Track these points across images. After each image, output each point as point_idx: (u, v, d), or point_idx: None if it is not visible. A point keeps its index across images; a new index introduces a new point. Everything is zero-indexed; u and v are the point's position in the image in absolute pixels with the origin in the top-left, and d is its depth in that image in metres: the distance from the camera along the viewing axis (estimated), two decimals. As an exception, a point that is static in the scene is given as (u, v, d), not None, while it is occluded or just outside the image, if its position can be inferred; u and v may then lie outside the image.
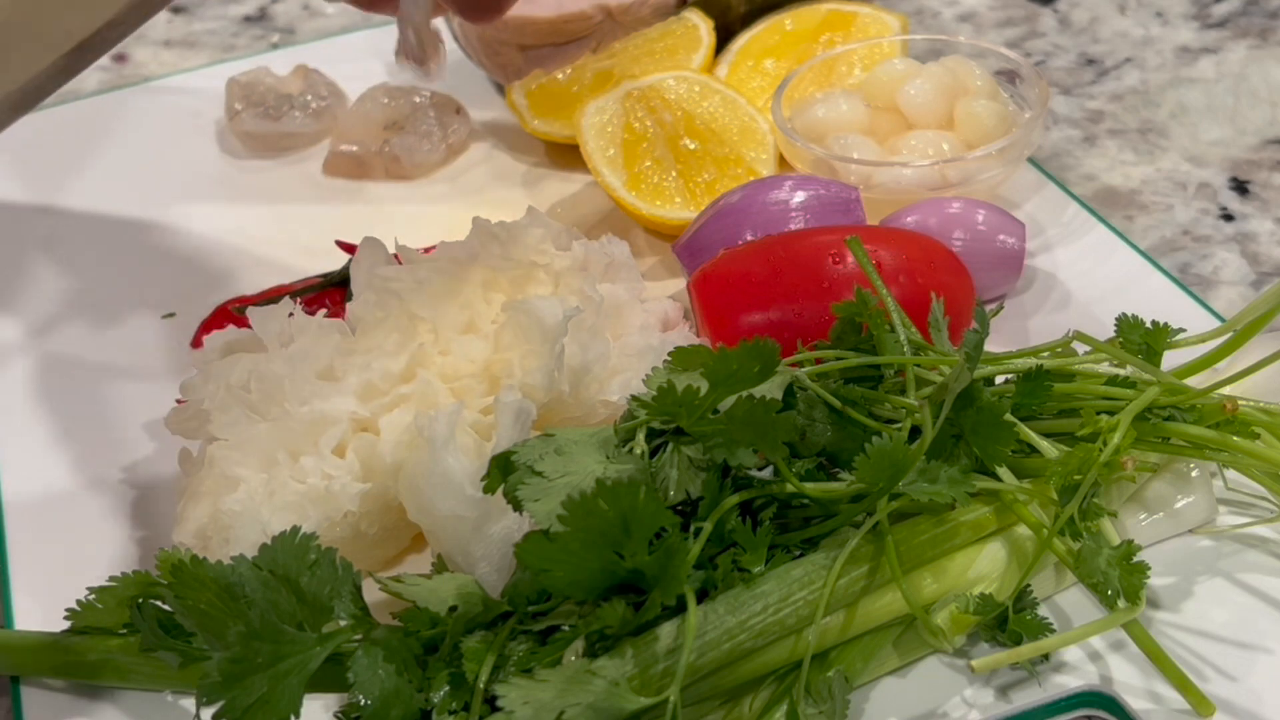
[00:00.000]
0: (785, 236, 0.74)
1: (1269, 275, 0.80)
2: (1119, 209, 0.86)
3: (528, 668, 0.52)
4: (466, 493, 0.58)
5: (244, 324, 0.70)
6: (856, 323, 0.62)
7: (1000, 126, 0.82)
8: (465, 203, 0.91)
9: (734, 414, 0.54)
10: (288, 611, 0.52)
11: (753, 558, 0.55)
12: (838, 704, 0.53)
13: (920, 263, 0.70)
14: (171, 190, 0.94)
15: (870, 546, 0.56)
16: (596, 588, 0.51)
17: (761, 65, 0.94)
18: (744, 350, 0.54)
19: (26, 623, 0.64)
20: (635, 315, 0.70)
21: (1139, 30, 1.04)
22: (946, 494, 0.55)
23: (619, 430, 0.56)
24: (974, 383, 0.58)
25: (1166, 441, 0.59)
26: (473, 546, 0.59)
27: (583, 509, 0.50)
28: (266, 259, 0.86)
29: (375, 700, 0.51)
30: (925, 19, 1.08)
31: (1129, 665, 0.57)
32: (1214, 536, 0.62)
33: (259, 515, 0.60)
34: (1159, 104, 0.95)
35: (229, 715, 0.49)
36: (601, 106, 0.87)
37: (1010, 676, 0.57)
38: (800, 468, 0.57)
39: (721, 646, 0.53)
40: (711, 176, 0.84)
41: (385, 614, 0.56)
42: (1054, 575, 0.60)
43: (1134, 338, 0.63)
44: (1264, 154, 0.90)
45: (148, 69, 1.12)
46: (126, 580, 0.58)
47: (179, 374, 0.68)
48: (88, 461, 0.73)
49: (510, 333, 0.64)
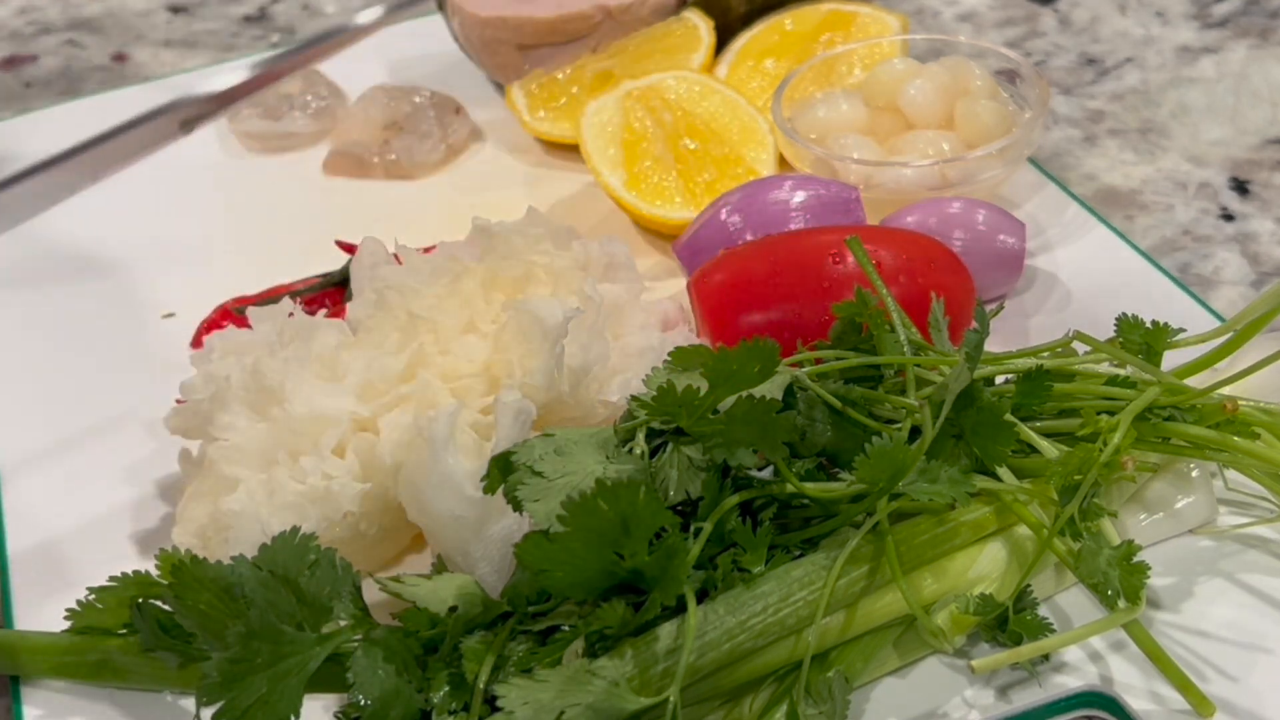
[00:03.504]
0: (785, 236, 0.74)
1: (1269, 275, 0.79)
2: (1119, 209, 0.86)
3: (528, 668, 0.52)
4: (466, 493, 0.58)
5: (244, 324, 0.70)
6: (856, 323, 0.62)
7: (1000, 126, 0.82)
8: (465, 203, 0.91)
9: (734, 414, 0.54)
10: (287, 612, 0.52)
11: (753, 558, 0.55)
12: (838, 704, 0.53)
13: (920, 263, 0.70)
14: (172, 190, 0.94)
15: (870, 546, 0.56)
16: (596, 588, 0.51)
17: (761, 65, 0.94)
18: (744, 350, 0.54)
19: (26, 623, 0.64)
20: (635, 315, 0.70)
21: (1139, 30, 1.04)
22: (946, 494, 0.55)
23: (619, 430, 0.56)
24: (974, 383, 0.58)
25: (1166, 441, 0.59)
26: (473, 547, 0.59)
27: (583, 509, 0.50)
28: (266, 259, 0.86)
29: (375, 700, 0.51)
30: (925, 19, 1.08)
31: (1129, 665, 0.57)
32: (1214, 536, 0.62)
33: (259, 515, 0.60)
34: (1159, 104, 0.95)
35: (229, 715, 0.49)
36: (601, 106, 0.87)
37: (1010, 677, 0.57)
38: (800, 468, 0.57)
39: (721, 647, 0.53)
40: (711, 176, 0.84)
41: (385, 614, 0.56)
42: (1054, 575, 0.60)
43: (1134, 338, 0.63)
44: (1264, 154, 0.89)
45: (148, 69, 1.12)
46: (126, 580, 0.58)
47: (179, 374, 0.68)
48: (88, 462, 0.73)
49: (510, 333, 0.64)
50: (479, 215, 0.71)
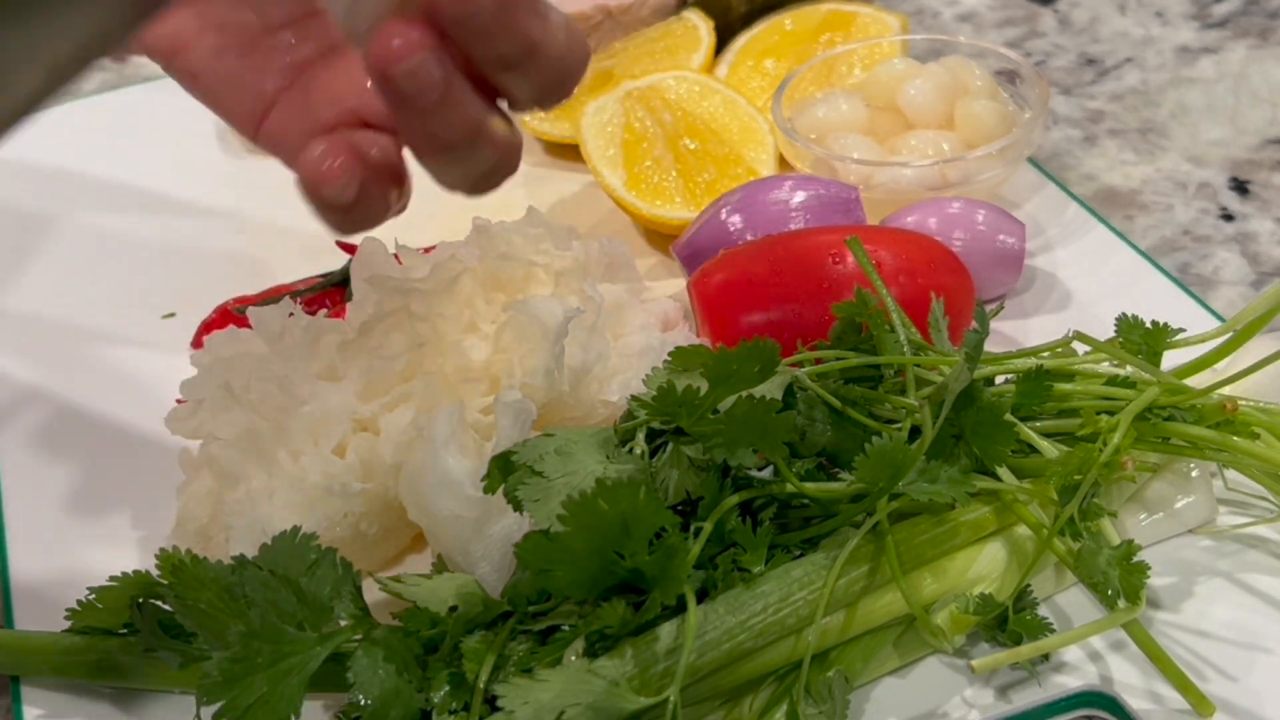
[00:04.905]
0: (785, 236, 0.74)
1: (1269, 275, 0.79)
2: (1119, 209, 0.86)
3: (528, 668, 0.52)
4: (466, 493, 0.58)
5: (244, 324, 0.70)
6: (856, 323, 0.62)
7: (1000, 126, 0.82)
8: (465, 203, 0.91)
9: (734, 414, 0.54)
10: (288, 611, 0.52)
11: (753, 558, 0.55)
12: (838, 704, 0.53)
13: (920, 263, 0.70)
14: (171, 190, 0.94)
15: (870, 546, 0.56)
16: (596, 588, 0.51)
17: (761, 65, 0.94)
18: (744, 350, 0.54)
19: (26, 623, 0.64)
20: (635, 315, 0.70)
21: (1139, 30, 1.04)
22: (946, 494, 0.55)
23: (619, 430, 0.56)
24: (974, 383, 0.58)
25: (1166, 441, 0.59)
26: (473, 546, 0.59)
27: (583, 509, 0.50)
28: (266, 259, 0.86)
29: (375, 700, 0.51)
30: (925, 19, 1.08)
31: (1129, 665, 0.57)
32: (1214, 536, 0.62)
33: (259, 515, 0.60)
34: (1159, 104, 0.95)
35: (229, 715, 0.49)
36: (601, 106, 0.87)
37: (1010, 676, 0.57)
38: (800, 468, 0.57)
39: (721, 646, 0.53)
40: (711, 176, 0.84)
41: (385, 614, 0.56)
42: (1054, 575, 0.60)
43: (1134, 338, 0.63)
44: (1264, 154, 0.89)
45: (148, 69, 1.12)
46: (126, 580, 0.58)
47: (179, 374, 0.68)
48: (88, 461, 0.73)
49: (510, 333, 0.64)
50: (479, 215, 0.71)
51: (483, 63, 0.47)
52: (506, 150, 0.51)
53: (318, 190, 0.52)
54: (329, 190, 0.51)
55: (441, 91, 0.46)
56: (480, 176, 0.51)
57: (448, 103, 0.47)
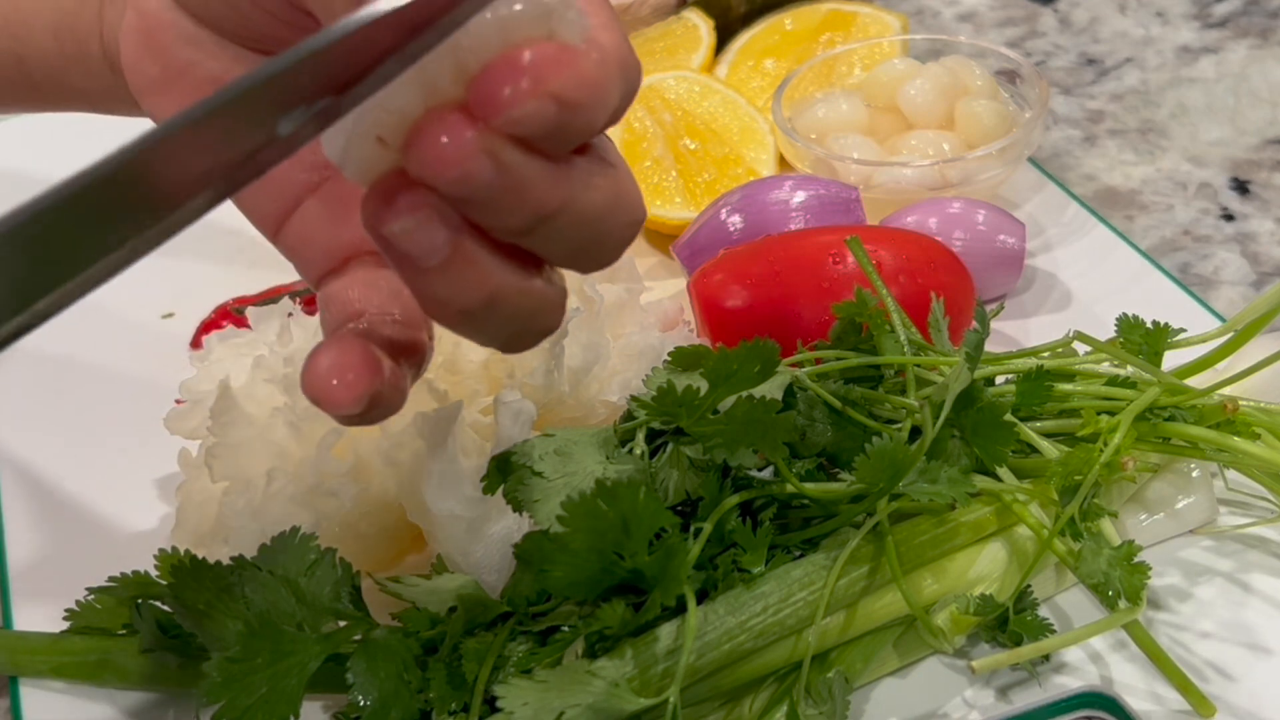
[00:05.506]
0: (785, 236, 0.73)
1: (1269, 275, 0.79)
2: (1119, 209, 0.86)
3: (528, 668, 0.52)
4: (466, 493, 0.58)
5: (244, 324, 0.70)
6: (856, 323, 0.62)
7: (1000, 126, 0.82)
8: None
9: (734, 414, 0.54)
10: (287, 612, 0.52)
11: (753, 558, 0.55)
12: (838, 705, 0.53)
13: (920, 263, 0.70)
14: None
15: (870, 547, 0.56)
16: (596, 588, 0.51)
17: (761, 65, 0.94)
18: (744, 350, 0.54)
19: (26, 623, 0.64)
20: (635, 315, 0.70)
21: (1139, 30, 1.04)
22: (946, 494, 0.55)
23: (619, 430, 0.56)
24: (974, 383, 0.57)
25: (1167, 442, 0.59)
26: (473, 546, 0.59)
27: (583, 509, 0.50)
28: (266, 259, 0.86)
29: (375, 700, 0.51)
30: (925, 19, 1.08)
31: (1129, 666, 0.57)
32: (1215, 537, 0.62)
33: (259, 515, 0.60)
34: (1159, 104, 0.95)
35: (229, 715, 0.49)
36: (601, 106, 0.87)
37: (1010, 677, 0.57)
38: (800, 468, 0.57)
39: (721, 647, 0.53)
40: (711, 176, 0.84)
41: (385, 614, 0.56)
42: (1054, 576, 0.60)
43: (1134, 338, 0.63)
44: (1264, 154, 0.89)
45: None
46: (126, 580, 0.57)
47: (179, 374, 0.67)
48: (87, 461, 0.73)
49: (510, 333, 0.64)
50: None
51: (495, 232, 0.40)
52: (540, 306, 0.42)
53: (324, 405, 0.45)
54: (335, 409, 0.45)
55: (447, 254, 0.39)
56: (510, 336, 0.43)
57: (456, 264, 0.40)
